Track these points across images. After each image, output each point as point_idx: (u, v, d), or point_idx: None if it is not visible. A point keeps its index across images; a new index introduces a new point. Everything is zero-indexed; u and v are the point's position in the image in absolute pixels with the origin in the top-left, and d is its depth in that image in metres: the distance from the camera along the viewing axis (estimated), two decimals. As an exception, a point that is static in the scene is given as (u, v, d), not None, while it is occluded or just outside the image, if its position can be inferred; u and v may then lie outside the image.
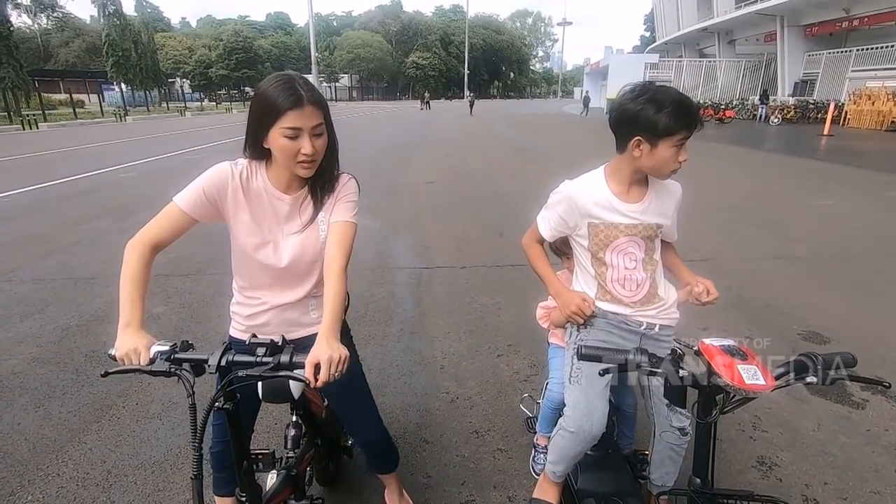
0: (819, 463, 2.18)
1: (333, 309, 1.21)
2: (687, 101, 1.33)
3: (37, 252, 5.00)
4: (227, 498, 1.58)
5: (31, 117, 23.07)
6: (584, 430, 1.42)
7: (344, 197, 1.38)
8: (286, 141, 1.21)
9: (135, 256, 1.26)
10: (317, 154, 1.26)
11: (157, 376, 1.12)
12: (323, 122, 1.26)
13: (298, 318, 1.45)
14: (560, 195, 1.52)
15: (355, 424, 1.66)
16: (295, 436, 1.59)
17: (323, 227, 1.36)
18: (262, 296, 1.42)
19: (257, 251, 1.35)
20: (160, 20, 71.59)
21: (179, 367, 1.12)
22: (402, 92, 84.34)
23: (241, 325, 1.47)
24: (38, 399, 2.63)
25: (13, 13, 34.83)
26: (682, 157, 1.36)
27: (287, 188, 1.35)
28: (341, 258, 1.29)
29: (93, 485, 2.05)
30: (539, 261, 1.63)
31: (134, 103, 41.74)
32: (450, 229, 5.94)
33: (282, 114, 1.19)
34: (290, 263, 1.36)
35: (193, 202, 1.30)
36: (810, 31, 26.20)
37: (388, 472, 1.80)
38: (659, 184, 1.47)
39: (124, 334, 1.19)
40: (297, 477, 1.56)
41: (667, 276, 1.57)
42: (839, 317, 3.59)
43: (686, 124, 1.30)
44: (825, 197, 7.74)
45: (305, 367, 1.06)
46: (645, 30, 78.40)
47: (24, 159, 12.20)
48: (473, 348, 3.17)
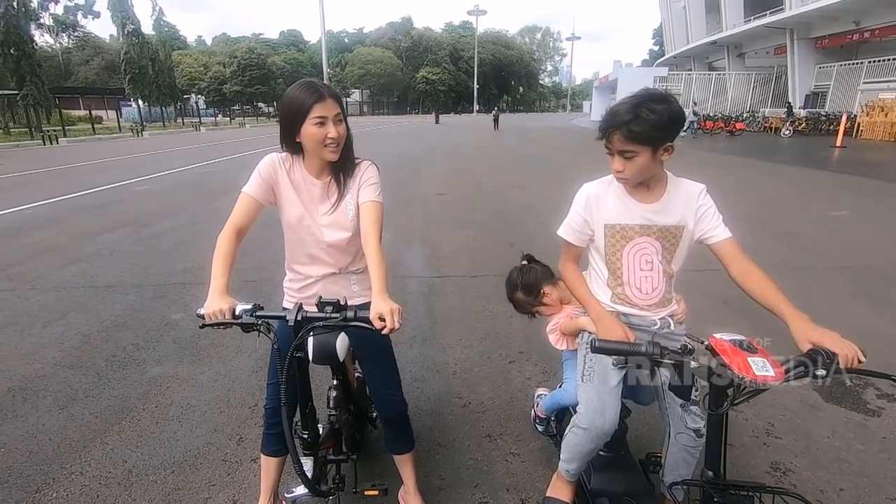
0: (834, 469, 2.16)
1: (379, 273, 1.44)
2: (616, 107, 1.36)
3: (58, 261, 5.14)
4: (274, 458, 1.78)
5: (51, 133, 23.72)
6: (596, 426, 1.44)
7: (367, 181, 1.62)
8: (315, 129, 1.47)
9: (223, 239, 1.52)
10: (340, 138, 1.52)
11: (246, 329, 1.36)
12: (340, 112, 1.52)
13: (340, 292, 1.63)
14: (579, 195, 1.56)
15: (380, 388, 1.80)
16: (336, 396, 1.72)
17: (350, 207, 1.62)
18: (307, 270, 1.68)
19: (298, 228, 1.62)
20: (177, 38, 73.31)
21: (262, 322, 1.36)
22: (412, 107, 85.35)
23: (293, 298, 1.72)
24: (61, 401, 2.70)
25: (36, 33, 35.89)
26: (613, 166, 1.40)
27: (319, 175, 1.62)
28: (375, 233, 1.54)
29: (115, 483, 2.11)
30: (578, 286, 1.58)
31: (150, 119, 42.60)
32: (460, 240, 6.00)
33: (310, 108, 1.45)
34: (324, 239, 1.62)
35: (257, 188, 1.57)
36: (820, 44, 26.17)
37: (405, 451, 1.89)
38: (677, 185, 1.47)
39: (212, 297, 1.40)
40: (339, 431, 1.76)
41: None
42: (853, 326, 3.56)
43: (603, 132, 1.37)
44: (839, 208, 7.68)
45: (371, 317, 1.28)
46: (654, 44, 78.74)
47: (44, 173, 12.53)
48: (485, 355, 3.20)
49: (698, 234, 1.47)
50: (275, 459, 1.80)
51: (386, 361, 1.81)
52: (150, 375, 2.96)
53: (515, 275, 1.95)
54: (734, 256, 1.41)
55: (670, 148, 1.35)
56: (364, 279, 1.76)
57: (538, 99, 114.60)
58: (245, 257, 5.14)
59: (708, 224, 1.45)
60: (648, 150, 1.34)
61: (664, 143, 1.34)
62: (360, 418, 2.16)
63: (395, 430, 1.85)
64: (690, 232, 1.48)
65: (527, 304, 1.93)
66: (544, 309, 1.91)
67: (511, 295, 1.98)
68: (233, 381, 2.89)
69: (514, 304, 2.00)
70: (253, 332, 1.39)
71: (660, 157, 1.36)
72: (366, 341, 1.71)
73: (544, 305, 1.90)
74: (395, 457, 1.90)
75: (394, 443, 1.88)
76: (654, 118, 1.29)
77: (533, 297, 1.90)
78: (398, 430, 1.86)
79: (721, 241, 1.43)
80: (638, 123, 1.30)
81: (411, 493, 1.90)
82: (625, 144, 1.35)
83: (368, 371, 1.83)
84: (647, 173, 1.41)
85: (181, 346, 3.30)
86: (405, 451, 1.89)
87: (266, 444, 1.79)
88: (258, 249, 5.05)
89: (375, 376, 1.81)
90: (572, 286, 1.60)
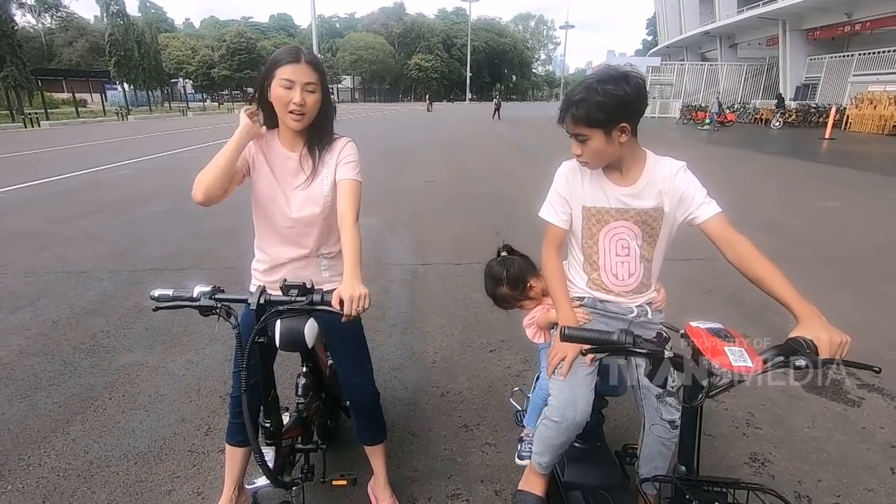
0: (812, 460, 2.14)
1: (352, 254, 1.38)
2: (570, 89, 1.33)
3: (31, 246, 4.98)
4: (239, 448, 1.73)
5: (33, 116, 23.11)
6: (567, 418, 1.38)
7: (345, 158, 1.55)
8: (282, 91, 1.40)
9: None
10: (306, 108, 1.43)
11: (204, 312, 1.26)
12: (317, 83, 1.43)
13: (310, 277, 1.54)
14: (558, 172, 1.49)
15: (351, 377, 1.73)
16: (305, 384, 1.69)
17: (326, 182, 1.54)
18: (276, 251, 1.60)
19: (271, 204, 1.54)
20: (164, 21, 71.76)
21: (221, 305, 1.26)
22: (405, 94, 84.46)
23: (259, 281, 1.62)
24: (24, 390, 2.60)
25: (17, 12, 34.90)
26: (572, 150, 1.36)
27: (292, 147, 1.54)
28: (351, 212, 1.47)
29: (74, 475, 2.02)
30: (554, 281, 1.49)
31: (137, 103, 41.70)
32: (447, 227, 5.92)
33: (280, 66, 1.40)
34: (295, 215, 1.53)
35: None
36: (812, 35, 26.20)
37: (376, 442, 1.83)
38: (657, 165, 1.40)
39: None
40: (307, 420, 1.70)
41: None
42: (840, 316, 3.49)
43: (559, 117, 1.34)
44: (827, 199, 7.69)
45: (333, 301, 1.21)
46: (647, 34, 78.59)
47: (23, 156, 12.20)
48: (466, 343, 3.14)
49: (682, 216, 1.38)
50: (240, 450, 1.75)
51: (357, 349, 1.74)
52: (118, 363, 2.87)
53: (498, 268, 1.73)
54: (725, 236, 1.29)
55: (626, 129, 1.28)
56: (336, 264, 1.66)
57: (531, 88, 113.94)
58: (227, 244, 5.02)
59: (691, 203, 1.35)
60: (600, 132, 1.28)
61: (617, 125, 1.27)
62: (333, 406, 2.10)
63: (366, 419, 1.79)
64: (671, 215, 1.40)
65: (511, 299, 1.75)
66: (528, 303, 1.75)
67: (494, 290, 1.76)
68: (204, 370, 2.81)
69: (497, 300, 1.78)
70: (213, 315, 1.29)
71: (617, 140, 1.29)
72: (337, 328, 1.62)
73: (529, 299, 1.74)
74: (366, 447, 1.84)
75: (365, 433, 1.82)
76: (600, 100, 1.24)
77: (519, 292, 1.72)
78: (369, 420, 1.79)
79: (708, 219, 1.32)
80: (582, 106, 1.26)
81: (381, 485, 1.84)
82: (575, 128, 1.30)
83: (339, 359, 1.76)
84: (609, 156, 1.34)
85: (153, 334, 3.20)
86: (376, 441, 1.83)
87: (231, 434, 1.74)
88: (243, 237, 4.94)
89: (346, 365, 1.73)
90: (548, 279, 1.52)
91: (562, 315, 1.44)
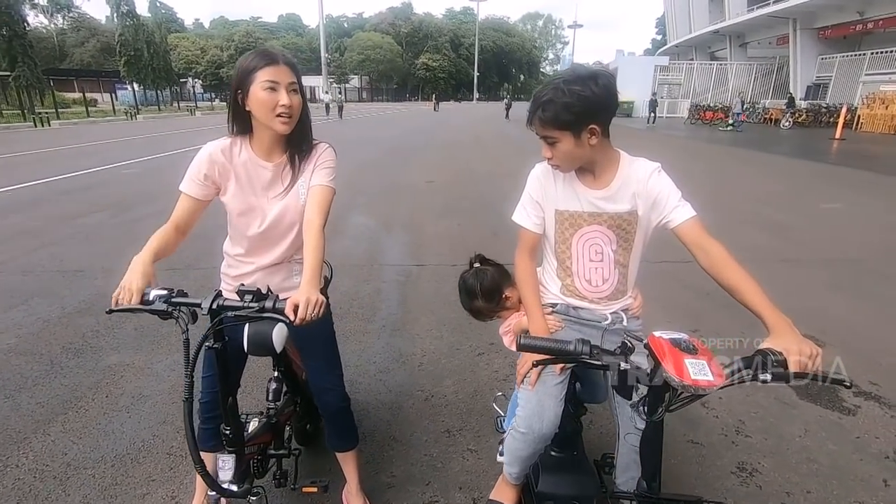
0: (803, 470, 2.08)
1: (313, 261, 1.33)
2: (538, 89, 1.30)
3: (29, 245, 5.01)
4: (210, 453, 1.65)
5: (43, 115, 23.38)
6: (534, 430, 1.33)
7: (322, 163, 1.49)
8: (265, 94, 1.33)
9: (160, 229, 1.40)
10: (293, 109, 1.37)
11: (156, 315, 1.22)
12: (297, 82, 1.39)
13: (282, 283, 1.56)
14: (531, 175, 1.46)
15: (320, 381, 1.70)
16: (276, 389, 1.66)
17: (303, 192, 1.48)
18: (247, 257, 1.56)
19: (242, 216, 1.49)
20: (174, 21, 72.24)
21: (175, 309, 1.22)
22: (412, 93, 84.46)
23: (229, 286, 1.59)
24: (8, 390, 2.60)
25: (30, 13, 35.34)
26: (542, 152, 1.33)
27: (269, 156, 1.47)
28: (319, 218, 1.41)
29: (50, 477, 2.01)
30: (525, 286, 1.46)
31: (146, 102, 42.07)
32: (445, 228, 5.88)
33: (259, 69, 1.32)
34: (270, 225, 1.49)
35: (194, 185, 1.44)
36: (823, 34, 25.80)
37: (347, 449, 1.81)
38: (630, 167, 1.35)
39: (132, 265, 1.27)
40: (277, 426, 1.68)
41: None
42: (838, 320, 3.47)
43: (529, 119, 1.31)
44: (832, 200, 7.56)
45: (286, 308, 1.17)
46: (657, 33, 77.97)
47: (31, 155, 12.32)
48: (454, 346, 3.10)
49: (656, 219, 1.33)
50: (212, 455, 1.71)
51: (327, 353, 1.71)
52: (105, 363, 2.86)
53: (472, 280, 1.66)
54: (699, 240, 1.23)
55: (595, 130, 1.24)
56: None
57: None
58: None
59: (665, 206, 1.30)
60: (568, 134, 1.24)
61: (586, 126, 1.23)
62: (312, 410, 2.06)
63: (335, 425, 1.76)
64: (646, 218, 1.36)
65: (488, 312, 1.69)
66: (506, 313, 1.69)
67: (469, 304, 1.70)
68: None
69: (473, 313, 1.72)
70: (171, 320, 1.25)
71: (587, 142, 1.25)
72: (306, 332, 1.58)
73: (506, 310, 1.68)
74: (337, 454, 1.81)
75: (335, 439, 1.79)
76: (567, 101, 1.20)
77: (495, 304, 1.66)
78: (339, 426, 1.76)
79: (680, 223, 1.27)
80: (549, 107, 1.22)
81: (353, 492, 1.81)
82: (543, 130, 1.26)
83: (308, 363, 1.73)
84: (579, 158, 1.30)
85: (141, 334, 3.20)
86: (347, 448, 1.80)
87: (202, 440, 1.70)
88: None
89: (316, 369, 1.70)
90: (520, 285, 1.49)
91: (531, 322, 1.41)
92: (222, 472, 1.39)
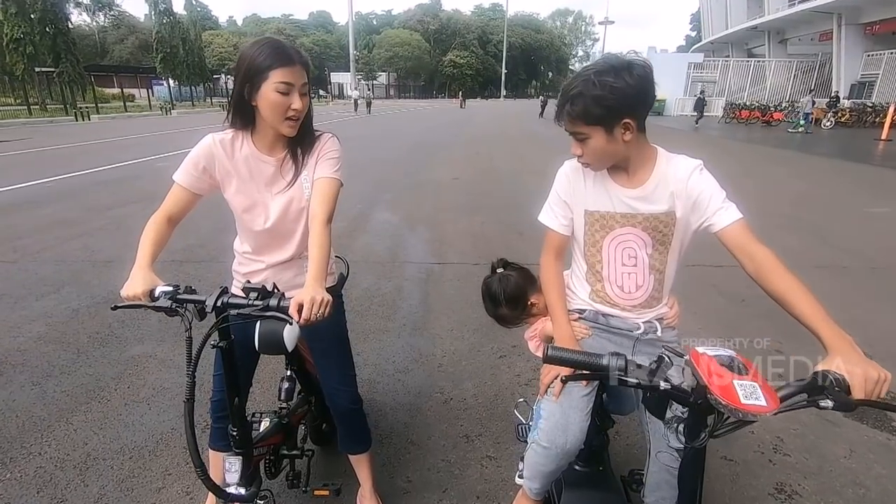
0: (848, 495, 1.92)
1: (317, 258, 1.28)
2: (567, 81, 1.20)
3: (64, 235, 5.15)
4: (222, 453, 1.62)
5: (84, 110, 24.26)
6: (557, 445, 1.25)
7: (326, 154, 1.43)
8: (278, 96, 1.27)
9: (149, 222, 1.37)
10: (302, 112, 1.33)
11: (160, 311, 1.20)
12: (308, 83, 1.34)
13: (293, 279, 1.51)
14: (559, 173, 1.37)
15: (331, 382, 1.65)
16: (288, 388, 1.63)
17: (307, 185, 1.42)
18: (258, 256, 1.52)
19: (246, 213, 1.44)
20: (208, 18, 74.00)
21: (181, 306, 1.19)
22: (439, 90, 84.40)
23: (239, 283, 1.54)
24: (36, 377, 2.65)
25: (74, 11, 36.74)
26: (572, 149, 1.24)
27: (271, 150, 1.42)
28: (324, 212, 1.35)
29: (70, 466, 2.02)
30: (550, 290, 1.37)
31: (181, 98, 43.18)
32: (469, 226, 5.80)
33: (274, 69, 1.25)
34: (275, 222, 1.44)
35: (189, 177, 1.39)
36: (870, 30, 24.55)
37: (358, 452, 1.76)
38: (669, 164, 1.25)
39: (132, 275, 1.24)
40: (288, 426, 1.65)
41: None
42: (883, 333, 3.25)
43: (558, 114, 1.22)
44: (879, 204, 7.16)
45: (290, 307, 1.12)
46: (691, 29, 75.87)
47: (70, 148, 12.78)
48: (476, 348, 3.02)
49: (696, 222, 1.23)
50: (223, 455, 1.69)
51: (339, 353, 1.66)
52: (129, 354, 2.89)
53: (496, 287, 1.59)
54: (745, 247, 1.12)
55: (630, 125, 1.14)
56: None
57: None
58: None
59: (706, 208, 1.19)
60: (600, 130, 1.14)
61: (620, 121, 1.13)
62: (327, 409, 2.00)
63: (347, 427, 1.71)
64: (685, 221, 1.25)
65: (513, 319, 1.62)
66: (532, 319, 1.62)
67: (494, 311, 1.63)
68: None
69: (499, 320, 1.65)
70: (178, 317, 1.21)
71: (620, 137, 1.15)
72: (318, 330, 1.48)
73: (533, 316, 1.60)
74: (350, 457, 1.76)
75: (346, 441, 1.74)
76: (598, 93, 1.10)
77: (520, 310, 1.59)
78: (350, 429, 1.71)
79: (725, 227, 1.15)
80: (579, 101, 1.12)
81: (367, 496, 1.76)
82: (573, 126, 1.17)
83: (319, 362, 1.68)
84: (612, 156, 1.20)
85: (166, 325, 3.22)
86: (358, 451, 1.75)
87: (214, 439, 1.68)
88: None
89: (327, 369, 1.66)
90: (545, 289, 1.39)
91: (556, 329, 1.32)
92: (229, 475, 1.35)
